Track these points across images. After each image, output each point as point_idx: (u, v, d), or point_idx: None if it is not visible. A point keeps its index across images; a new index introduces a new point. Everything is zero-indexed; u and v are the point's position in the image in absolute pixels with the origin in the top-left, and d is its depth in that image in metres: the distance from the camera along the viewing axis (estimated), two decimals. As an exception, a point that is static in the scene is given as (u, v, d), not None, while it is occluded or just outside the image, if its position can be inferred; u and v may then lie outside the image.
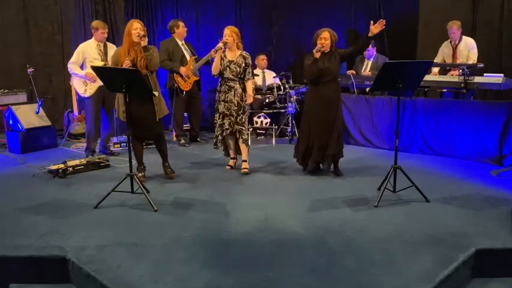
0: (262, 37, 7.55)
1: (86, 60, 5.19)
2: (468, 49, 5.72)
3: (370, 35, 4.15)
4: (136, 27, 4.09)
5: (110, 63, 5.17)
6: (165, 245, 2.95)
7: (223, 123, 4.59)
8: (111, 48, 5.35)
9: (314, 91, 4.48)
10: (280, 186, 4.27)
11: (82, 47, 5.24)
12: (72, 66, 5.18)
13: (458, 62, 5.68)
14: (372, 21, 4.13)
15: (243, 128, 4.59)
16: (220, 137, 4.66)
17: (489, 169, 4.68)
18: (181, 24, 5.98)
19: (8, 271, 2.80)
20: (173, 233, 3.13)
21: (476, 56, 5.66)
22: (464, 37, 5.79)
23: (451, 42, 5.84)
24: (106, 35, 5.32)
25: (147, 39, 4.11)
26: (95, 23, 5.29)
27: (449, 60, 5.82)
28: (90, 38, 5.34)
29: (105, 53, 5.27)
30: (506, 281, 2.79)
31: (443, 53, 5.93)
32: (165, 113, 4.38)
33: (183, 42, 6.04)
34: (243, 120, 4.60)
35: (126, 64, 4.02)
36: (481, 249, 2.81)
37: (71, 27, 7.05)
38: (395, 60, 3.89)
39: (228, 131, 4.59)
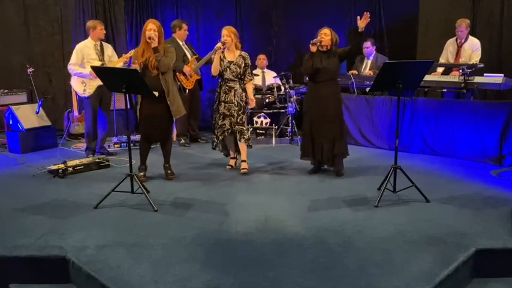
0: (262, 37, 7.56)
1: (84, 61, 5.18)
2: (472, 49, 5.71)
3: (359, 30, 4.18)
4: (150, 28, 4.08)
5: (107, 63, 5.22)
6: (165, 245, 2.95)
7: (224, 124, 4.60)
8: (107, 48, 5.40)
9: (312, 89, 4.50)
10: (280, 186, 4.27)
11: (80, 47, 5.24)
12: (73, 67, 5.19)
13: (461, 60, 5.67)
14: (358, 17, 4.16)
15: (244, 128, 4.60)
16: (220, 138, 4.66)
17: (489, 169, 4.68)
18: (184, 26, 6.06)
19: (8, 271, 2.80)
20: (173, 233, 3.13)
21: (479, 57, 5.64)
22: (470, 37, 5.76)
23: (456, 40, 5.82)
24: (105, 31, 5.36)
25: (157, 41, 4.08)
26: (92, 23, 5.29)
27: (452, 59, 5.81)
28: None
29: (102, 53, 5.29)
30: (506, 281, 2.79)
31: (448, 51, 5.91)
32: (181, 114, 4.37)
33: (183, 43, 6.12)
34: (244, 120, 4.61)
35: (135, 67, 4.03)
36: (481, 249, 2.81)
37: (71, 27, 7.05)
38: (395, 60, 3.90)
39: (229, 132, 4.60)
